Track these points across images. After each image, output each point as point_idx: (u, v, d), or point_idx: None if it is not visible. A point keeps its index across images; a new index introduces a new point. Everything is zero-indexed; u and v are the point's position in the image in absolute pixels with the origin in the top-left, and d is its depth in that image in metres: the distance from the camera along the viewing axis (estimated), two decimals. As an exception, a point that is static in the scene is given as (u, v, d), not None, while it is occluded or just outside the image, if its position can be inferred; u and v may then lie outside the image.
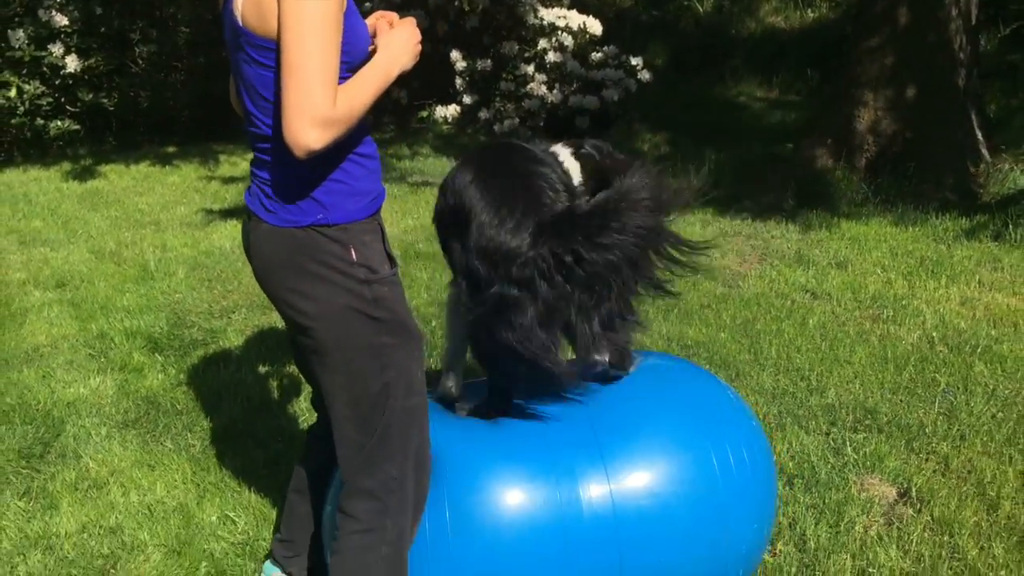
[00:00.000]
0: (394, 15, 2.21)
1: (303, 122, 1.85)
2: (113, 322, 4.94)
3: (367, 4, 9.49)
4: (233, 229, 6.75)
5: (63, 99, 9.45)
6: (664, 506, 2.36)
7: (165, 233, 6.68)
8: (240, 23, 1.97)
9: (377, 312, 2.12)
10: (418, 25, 2.19)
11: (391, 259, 2.21)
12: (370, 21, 2.20)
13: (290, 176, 2.06)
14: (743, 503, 2.51)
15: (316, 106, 1.85)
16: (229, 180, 8.41)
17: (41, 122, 9.38)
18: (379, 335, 2.13)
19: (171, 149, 9.75)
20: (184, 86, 10.19)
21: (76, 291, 5.48)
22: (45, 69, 9.14)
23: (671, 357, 2.90)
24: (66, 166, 8.92)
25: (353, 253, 2.08)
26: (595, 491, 2.31)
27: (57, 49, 9.04)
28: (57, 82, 9.25)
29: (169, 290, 5.46)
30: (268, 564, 2.78)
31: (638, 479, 2.35)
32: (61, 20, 9.06)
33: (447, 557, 2.28)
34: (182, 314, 5.08)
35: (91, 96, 9.49)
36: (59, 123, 9.46)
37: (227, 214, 7.20)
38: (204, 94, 10.22)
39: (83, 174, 8.56)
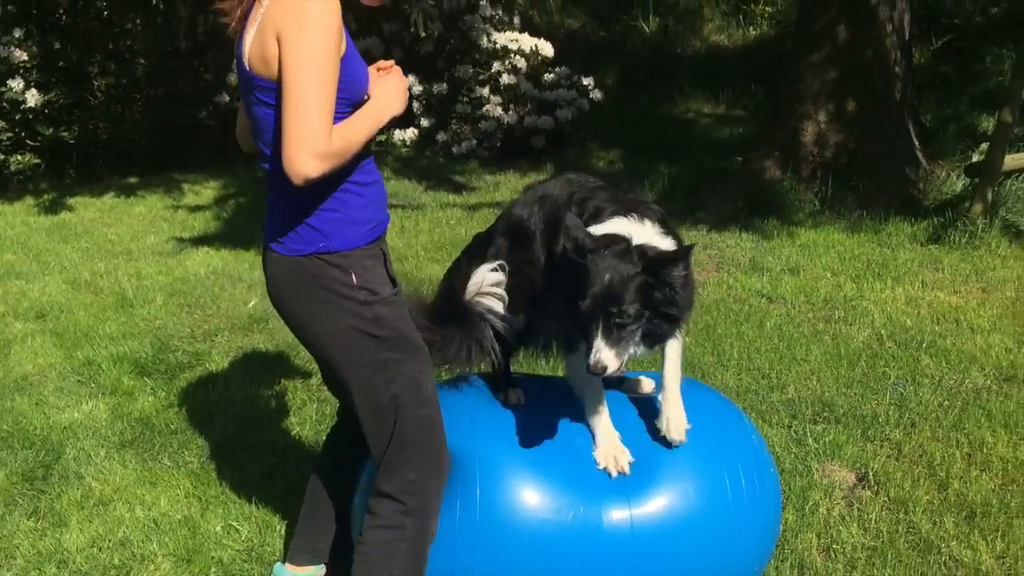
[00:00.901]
0: (390, 63, 2.43)
1: (300, 152, 2.06)
2: (98, 349, 5.06)
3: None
4: (206, 256, 6.89)
5: (23, 134, 9.47)
6: (682, 528, 2.52)
7: (138, 262, 6.79)
8: (248, 69, 2.19)
9: (378, 331, 2.33)
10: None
11: (393, 280, 2.43)
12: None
13: (294, 208, 2.27)
14: (750, 528, 2.67)
15: (314, 138, 2.06)
16: (196, 208, 8.52)
17: (1, 157, 9.40)
18: (381, 351, 2.34)
19: (133, 180, 9.80)
20: (143, 117, 10.25)
21: (57, 321, 5.58)
22: (5, 104, 9.17)
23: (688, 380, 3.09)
24: (30, 200, 8.95)
25: (354, 277, 2.30)
26: (616, 508, 2.48)
27: (17, 84, 9.10)
28: (17, 117, 9.28)
29: (150, 317, 5.58)
30: (278, 566, 2.97)
31: (657, 505, 2.51)
32: (20, 55, 9.12)
33: (472, 552, 2.49)
34: (165, 339, 5.22)
35: (51, 130, 9.53)
36: (19, 157, 9.48)
37: (198, 242, 7.32)
38: (164, 125, 10.29)
39: (49, 207, 8.61)
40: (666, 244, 2.41)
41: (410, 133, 10.43)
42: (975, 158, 7.62)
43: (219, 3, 2.31)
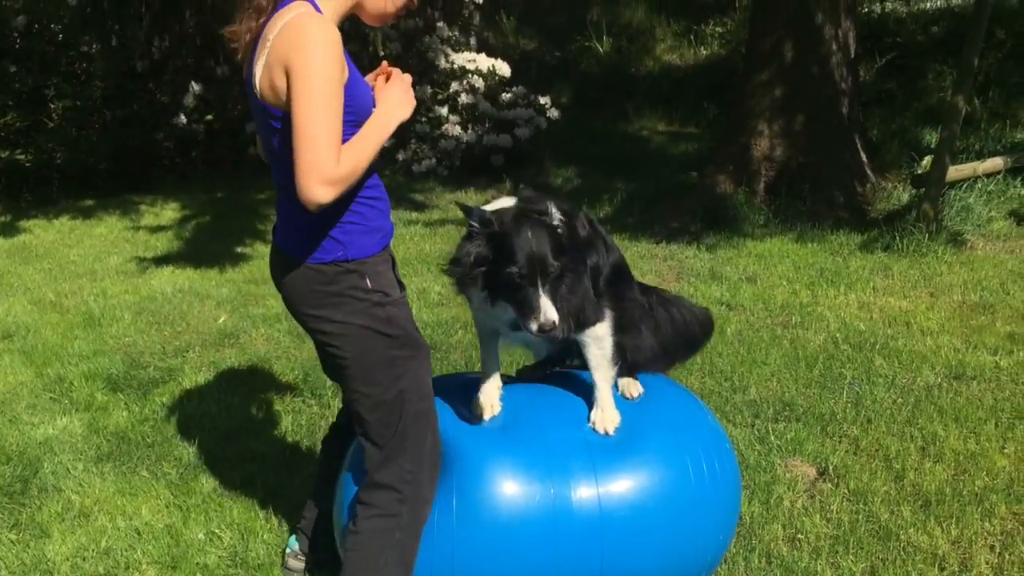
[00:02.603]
0: (396, 70, 2.53)
1: (312, 182, 2.18)
2: (68, 367, 5.07)
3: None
4: (171, 275, 6.91)
5: (-22, 157, 9.43)
6: (647, 508, 2.65)
7: (103, 282, 6.79)
8: (259, 99, 2.31)
9: (390, 330, 2.47)
10: None
11: (400, 284, 2.60)
12: (369, 78, 2.54)
13: (314, 221, 2.39)
14: (713, 509, 2.80)
15: (323, 168, 2.17)
16: (157, 229, 8.52)
17: (-43, 180, 9.35)
18: (392, 349, 2.48)
19: (89, 203, 9.75)
20: (100, 140, 10.23)
21: (24, 340, 5.57)
22: (-40, 127, 9.14)
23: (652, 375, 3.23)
24: (-15, 223, 8.91)
25: (368, 282, 2.44)
26: (585, 491, 2.60)
27: (-28, 107, 9.07)
28: (-28, 140, 9.25)
29: (119, 334, 5.60)
30: (292, 538, 3.15)
31: (624, 483, 2.64)
32: (-24, 79, 9.09)
33: (451, 537, 2.58)
34: (136, 356, 5.24)
35: (7, 153, 9.49)
36: (-26, 181, 9.44)
37: (161, 261, 7.33)
38: (121, 147, 10.28)
39: (6, 230, 8.56)
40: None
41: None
42: (920, 170, 7.90)
43: (227, 30, 2.42)
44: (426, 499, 2.55)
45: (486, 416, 2.77)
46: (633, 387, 3.02)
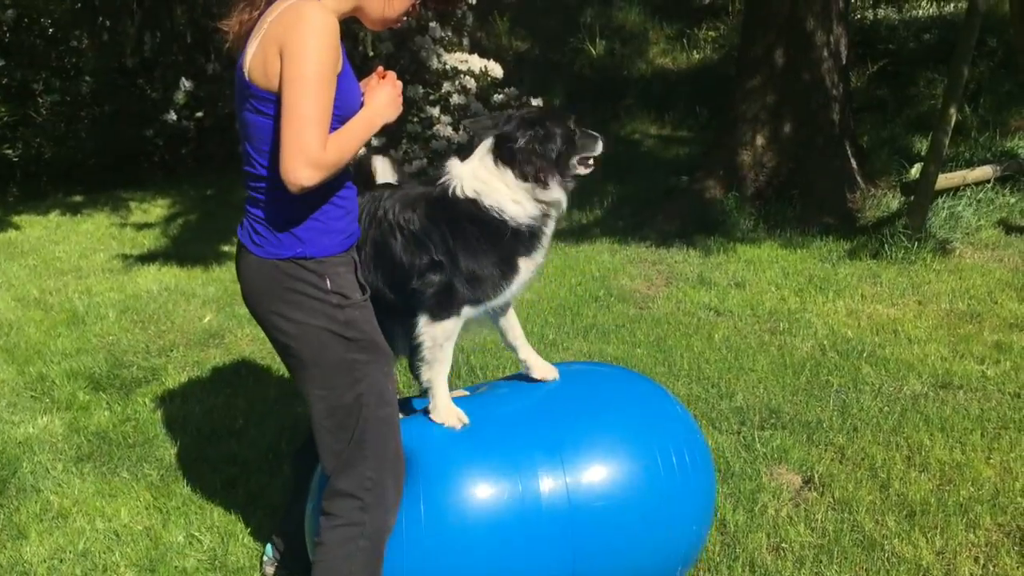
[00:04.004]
0: (391, 73, 2.52)
1: (298, 162, 2.17)
2: (51, 365, 5.03)
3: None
4: (157, 273, 6.87)
5: (-34, 151, 9.37)
6: (616, 500, 2.64)
7: (88, 279, 6.74)
8: (247, 78, 2.28)
9: (349, 332, 2.42)
10: None
11: (363, 287, 2.54)
12: (363, 82, 2.52)
13: (276, 214, 2.37)
14: (685, 499, 2.79)
15: (310, 149, 2.17)
16: (144, 226, 8.48)
17: (-56, 174, 9.29)
18: (350, 352, 2.43)
19: (78, 198, 9.71)
20: (89, 135, 10.17)
21: (7, 338, 5.53)
22: (-52, 121, 9.07)
23: (614, 367, 3.21)
24: (-28, 218, 8.85)
25: (328, 282, 2.40)
26: (551, 485, 2.59)
27: (-40, 102, 9.00)
28: (-40, 134, 9.19)
29: (102, 332, 5.56)
30: (268, 547, 3.12)
31: (592, 475, 2.63)
32: (-36, 73, 9.03)
33: (419, 543, 2.55)
34: (119, 355, 5.20)
35: (-5, 148, 9.45)
36: (-38, 175, 9.38)
37: (147, 259, 7.30)
38: (109, 142, 10.23)
39: (-7, 225, 8.53)
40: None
41: (361, 152, 10.48)
42: (909, 178, 7.90)
43: (221, 22, 2.41)
44: (391, 506, 2.51)
45: (458, 426, 2.74)
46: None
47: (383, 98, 2.43)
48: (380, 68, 2.52)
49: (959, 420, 4.18)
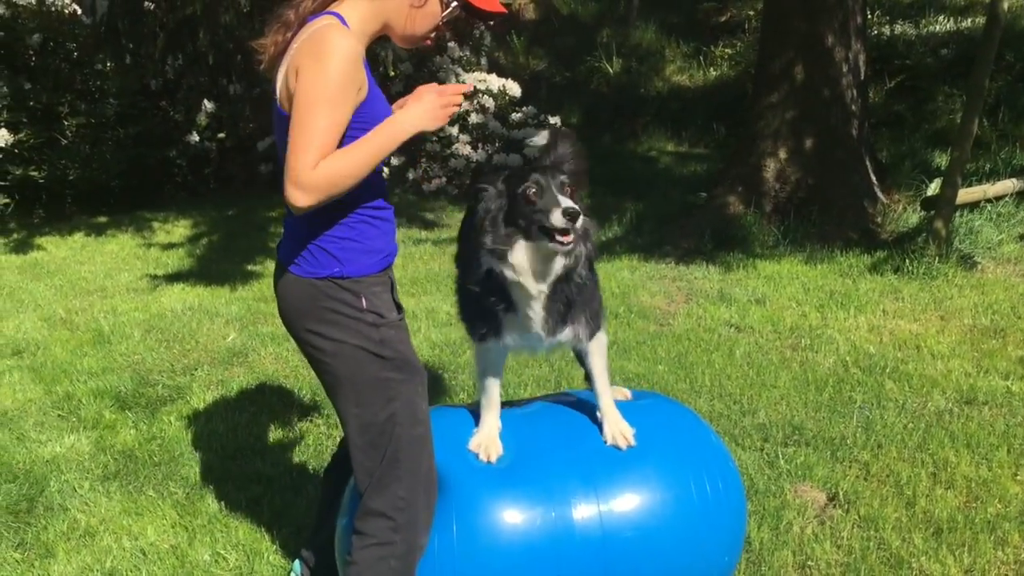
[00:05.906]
0: (456, 85, 2.52)
1: (286, 183, 2.20)
2: (77, 384, 5.08)
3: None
4: (181, 292, 6.93)
5: (-7, 174, 9.47)
6: (648, 529, 2.63)
7: (113, 299, 6.81)
8: (278, 104, 2.33)
9: (383, 351, 2.45)
10: None
11: (398, 306, 2.58)
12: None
13: (313, 233, 2.40)
14: (717, 527, 2.77)
15: (298, 170, 2.18)
16: (168, 247, 8.56)
17: (-30, 197, 9.39)
18: (384, 371, 2.46)
19: (102, 220, 9.81)
20: (113, 157, 10.27)
21: (34, 357, 5.59)
22: (-25, 145, 9.17)
23: (656, 395, 3.20)
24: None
25: (364, 301, 2.42)
26: (585, 512, 2.58)
27: (-14, 125, 9.12)
28: (-13, 157, 9.29)
29: (128, 352, 5.61)
30: (297, 563, 3.10)
31: (625, 503, 2.62)
32: (-10, 96, 9.15)
33: (451, 566, 2.55)
34: (144, 373, 5.25)
35: (21, 170, 9.53)
36: (-11, 197, 9.48)
37: (172, 279, 7.36)
38: (134, 164, 10.34)
39: (20, 246, 8.60)
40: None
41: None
42: (929, 192, 7.88)
43: (256, 42, 2.44)
44: (422, 526, 2.52)
45: (489, 459, 2.73)
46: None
47: (421, 107, 2.39)
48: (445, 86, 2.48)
49: (985, 436, 4.16)
